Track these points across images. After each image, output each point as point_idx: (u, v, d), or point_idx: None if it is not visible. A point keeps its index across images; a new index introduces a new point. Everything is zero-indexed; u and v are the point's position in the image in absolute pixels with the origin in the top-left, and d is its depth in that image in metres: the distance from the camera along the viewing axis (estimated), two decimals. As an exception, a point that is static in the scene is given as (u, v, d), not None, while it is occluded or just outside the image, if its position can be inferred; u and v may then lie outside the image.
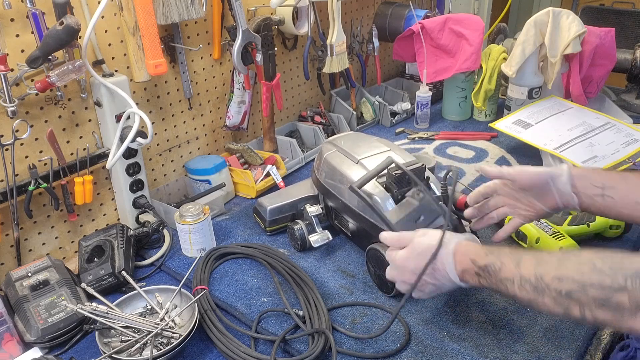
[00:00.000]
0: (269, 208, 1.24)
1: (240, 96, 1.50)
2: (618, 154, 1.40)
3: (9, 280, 1.04)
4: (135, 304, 1.03)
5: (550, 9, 1.60)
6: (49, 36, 0.97)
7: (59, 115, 1.14)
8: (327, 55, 1.59)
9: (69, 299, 1.00)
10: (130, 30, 1.16)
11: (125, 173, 1.23)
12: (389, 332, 0.96)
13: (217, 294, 1.07)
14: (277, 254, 1.16)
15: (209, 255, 1.16)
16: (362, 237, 1.12)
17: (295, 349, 0.93)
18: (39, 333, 0.95)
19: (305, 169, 1.58)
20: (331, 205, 1.19)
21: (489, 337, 0.94)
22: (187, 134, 1.45)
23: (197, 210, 1.17)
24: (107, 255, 1.10)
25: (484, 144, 1.70)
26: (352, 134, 1.33)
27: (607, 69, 1.70)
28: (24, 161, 1.10)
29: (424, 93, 1.78)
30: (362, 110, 1.88)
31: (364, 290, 1.07)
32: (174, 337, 0.94)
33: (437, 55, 1.80)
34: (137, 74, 1.21)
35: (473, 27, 1.73)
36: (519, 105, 1.71)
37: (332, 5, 1.52)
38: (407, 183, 1.05)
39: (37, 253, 1.17)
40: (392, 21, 1.87)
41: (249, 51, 1.40)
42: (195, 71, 1.41)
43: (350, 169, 1.12)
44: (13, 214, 1.07)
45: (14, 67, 1.02)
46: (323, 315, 0.97)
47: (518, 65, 1.65)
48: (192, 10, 1.25)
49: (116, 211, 1.30)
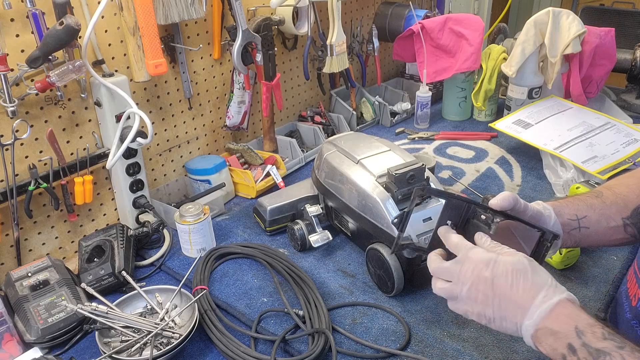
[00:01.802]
0: (269, 208, 1.24)
1: (240, 96, 1.50)
2: (618, 154, 1.40)
3: (9, 280, 1.04)
4: (135, 304, 1.03)
5: (550, 9, 1.60)
6: (49, 36, 0.97)
7: (59, 115, 1.14)
8: (327, 55, 1.59)
9: (69, 299, 1.00)
10: (130, 30, 1.16)
11: (125, 173, 1.23)
12: (389, 332, 0.96)
13: (217, 294, 1.07)
14: (277, 254, 1.16)
15: (209, 255, 1.16)
16: (362, 237, 1.12)
17: (295, 349, 0.93)
18: (39, 333, 0.95)
19: (305, 169, 1.58)
20: (331, 205, 1.19)
21: (489, 337, 0.94)
22: (187, 134, 1.45)
23: (197, 210, 1.17)
24: (107, 255, 1.10)
25: (484, 144, 1.70)
26: (352, 134, 1.33)
27: (607, 69, 1.70)
28: (24, 161, 1.10)
29: (424, 93, 1.78)
30: (362, 110, 1.88)
31: (364, 290, 1.07)
32: (174, 337, 0.94)
33: (437, 55, 1.80)
34: (137, 74, 1.21)
35: (473, 27, 1.73)
36: (519, 105, 1.71)
37: (332, 5, 1.52)
38: (408, 181, 1.04)
39: (37, 253, 1.17)
40: (392, 21, 1.87)
41: (249, 51, 1.40)
42: (195, 71, 1.41)
43: (350, 169, 1.12)
44: (13, 214, 1.07)
45: (14, 67, 1.02)
46: (323, 315, 0.97)
47: (518, 65, 1.65)
48: (192, 10, 1.25)
49: (116, 211, 1.30)
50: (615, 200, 0.85)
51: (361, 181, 1.08)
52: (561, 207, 0.83)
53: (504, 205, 0.77)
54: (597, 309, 0.99)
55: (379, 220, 1.03)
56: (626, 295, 0.84)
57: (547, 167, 1.47)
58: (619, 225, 0.83)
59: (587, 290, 1.04)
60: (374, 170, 1.09)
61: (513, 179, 1.47)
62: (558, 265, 1.08)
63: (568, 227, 0.82)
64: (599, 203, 0.85)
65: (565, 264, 1.09)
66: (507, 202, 0.77)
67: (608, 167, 1.36)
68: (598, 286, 1.05)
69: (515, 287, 0.67)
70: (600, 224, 0.83)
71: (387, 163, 1.10)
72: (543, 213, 0.81)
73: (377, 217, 1.04)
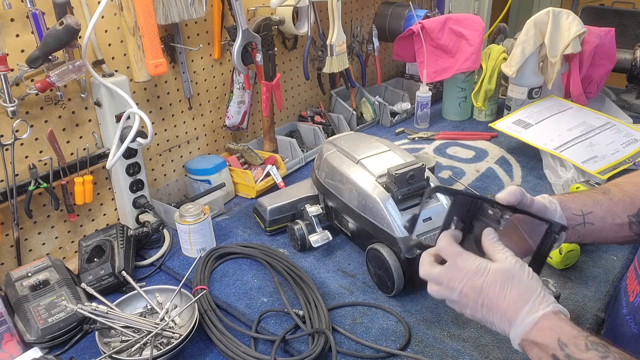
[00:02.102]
0: (269, 208, 1.24)
1: (240, 96, 1.50)
2: (618, 154, 1.40)
3: (9, 280, 1.04)
4: (135, 304, 1.03)
5: (550, 9, 1.60)
6: (49, 36, 0.97)
7: (59, 115, 1.14)
8: (327, 55, 1.59)
9: (69, 299, 1.00)
10: (130, 30, 1.16)
11: (125, 173, 1.23)
12: (389, 332, 0.96)
13: (217, 294, 1.07)
14: (277, 254, 1.16)
15: (209, 255, 1.16)
16: (362, 237, 1.12)
17: (295, 349, 0.93)
18: (39, 333, 0.95)
19: (305, 169, 1.58)
20: (331, 205, 1.19)
21: (489, 337, 0.94)
22: (187, 134, 1.45)
23: (197, 210, 1.17)
24: (107, 255, 1.10)
25: (484, 144, 1.70)
26: (352, 134, 1.33)
27: (607, 69, 1.70)
28: (24, 161, 1.10)
29: (424, 93, 1.78)
30: (362, 110, 1.88)
31: (364, 290, 1.07)
32: (174, 337, 0.94)
33: (437, 55, 1.80)
34: (137, 74, 1.21)
35: (473, 27, 1.73)
36: (519, 105, 1.71)
37: (332, 5, 1.52)
38: (408, 181, 1.04)
39: (37, 253, 1.17)
40: (392, 21, 1.87)
41: (249, 51, 1.40)
42: (195, 71, 1.41)
43: (350, 169, 1.12)
44: (13, 214, 1.07)
45: (14, 67, 1.02)
46: (323, 315, 0.97)
47: (518, 65, 1.65)
48: (192, 10, 1.25)
49: (116, 211, 1.30)
50: (622, 197, 0.85)
51: (361, 181, 1.08)
52: (567, 202, 0.83)
53: (511, 199, 0.76)
54: (597, 309, 0.99)
55: (379, 220, 1.03)
56: (625, 290, 0.84)
57: (547, 167, 1.47)
58: (624, 223, 0.83)
59: (587, 290, 1.04)
60: (374, 170, 1.09)
61: (513, 179, 1.47)
62: (558, 265, 1.08)
63: (573, 222, 0.82)
64: (605, 199, 0.85)
65: (565, 264, 1.09)
66: (514, 196, 0.76)
67: (608, 167, 1.36)
68: (598, 286, 1.05)
69: (503, 297, 0.68)
70: (605, 220, 0.83)
71: (387, 163, 1.10)
72: (549, 207, 0.81)
73: (377, 217, 1.04)
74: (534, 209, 0.79)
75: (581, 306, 1.00)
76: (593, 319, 0.97)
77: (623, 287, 0.86)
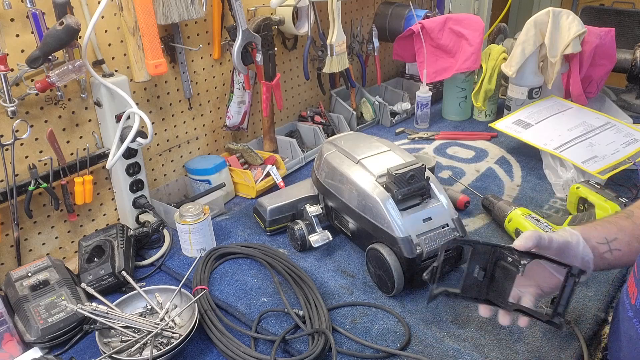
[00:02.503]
0: (269, 208, 1.24)
1: (240, 96, 1.50)
2: (618, 154, 1.40)
3: (9, 280, 1.04)
4: (135, 304, 1.03)
5: (550, 9, 1.60)
6: (49, 36, 0.97)
7: (59, 115, 1.14)
8: (327, 55, 1.59)
9: (69, 299, 1.00)
10: (130, 30, 1.16)
11: (125, 173, 1.23)
12: (389, 332, 0.96)
13: (217, 294, 1.07)
14: (277, 254, 1.16)
15: (209, 255, 1.16)
16: (362, 237, 1.12)
17: (295, 349, 0.93)
18: (39, 333, 0.95)
19: (305, 169, 1.58)
20: (331, 205, 1.19)
21: (489, 337, 0.94)
22: (187, 134, 1.45)
23: (197, 210, 1.17)
24: (107, 255, 1.10)
25: (484, 144, 1.70)
26: (352, 134, 1.33)
27: (607, 69, 1.70)
28: (24, 161, 1.10)
29: (424, 93, 1.78)
30: (362, 110, 1.88)
31: (364, 290, 1.07)
32: (174, 337, 0.94)
33: (437, 55, 1.80)
34: (137, 74, 1.21)
35: (473, 27, 1.73)
36: (519, 105, 1.71)
37: (332, 5, 1.52)
38: (408, 181, 1.05)
39: (37, 253, 1.17)
40: (392, 21, 1.87)
41: (249, 51, 1.40)
42: (195, 71, 1.41)
43: (350, 169, 1.12)
44: (13, 214, 1.07)
45: (14, 67, 1.02)
46: (323, 315, 0.97)
47: (518, 65, 1.65)
48: (192, 10, 1.25)
49: (116, 211, 1.30)
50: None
51: (361, 181, 1.08)
52: (589, 231, 0.84)
53: (528, 245, 0.78)
54: (597, 309, 0.99)
55: (379, 220, 1.03)
56: (626, 293, 0.84)
57: (547, 167, 1.47)
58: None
59: (587, 290, 1.04)
60: (374, 170, 1.09)
61: (513, 179, 1.47)
62: None
63: (598, 250, 0.83)
64: (629, 224, 0.85)
65: None
66: (530, 242, 0.78)
67: (608, 167, 1.36)
68: (598, 286, 1.05)
69: None
70: (631, 245, 0.83)
71: (387, 163, 1.10)
72: (570, 241, 0.81)
73: (377, 217, 1.04)
74: (553, 247, 0.80)
75: (581, 306, 1.00)
76: (593, 319, 0.97)
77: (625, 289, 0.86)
